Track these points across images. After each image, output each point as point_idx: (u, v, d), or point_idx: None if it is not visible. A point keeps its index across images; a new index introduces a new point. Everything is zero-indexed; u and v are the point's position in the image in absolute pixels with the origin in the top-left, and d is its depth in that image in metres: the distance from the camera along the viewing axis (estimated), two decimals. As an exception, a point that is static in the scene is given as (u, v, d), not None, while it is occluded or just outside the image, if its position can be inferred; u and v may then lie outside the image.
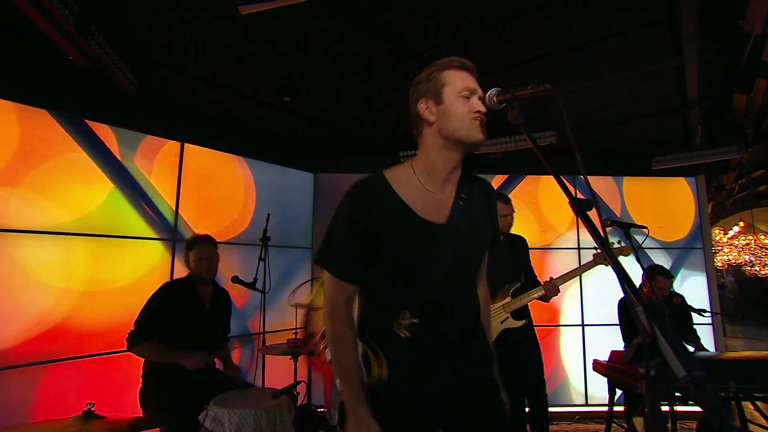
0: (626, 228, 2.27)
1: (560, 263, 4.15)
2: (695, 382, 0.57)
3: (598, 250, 2.66)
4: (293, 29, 2.14)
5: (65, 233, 2.61)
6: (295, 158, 4.18)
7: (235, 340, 3.31)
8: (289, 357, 2.65)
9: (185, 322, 2.29)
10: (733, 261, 4.67)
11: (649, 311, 0.65)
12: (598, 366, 2.97)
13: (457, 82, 1.17)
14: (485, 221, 1.26)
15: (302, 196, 4.26)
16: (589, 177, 4.19)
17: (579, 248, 4.27)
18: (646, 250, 4.30)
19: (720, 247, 4.40)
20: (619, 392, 2.89)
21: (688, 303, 3.14)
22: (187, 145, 3.31)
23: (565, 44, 2.37)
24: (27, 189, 2.47)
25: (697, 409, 3.14)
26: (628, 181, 4.40)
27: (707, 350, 3.28)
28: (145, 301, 2.27)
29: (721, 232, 4.35)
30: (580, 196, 4.27)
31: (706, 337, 4.16)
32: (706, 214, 4.40)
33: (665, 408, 2.56)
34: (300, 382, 2.26)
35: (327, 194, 4.33)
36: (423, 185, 1.18)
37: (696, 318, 3.07)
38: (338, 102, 3.12)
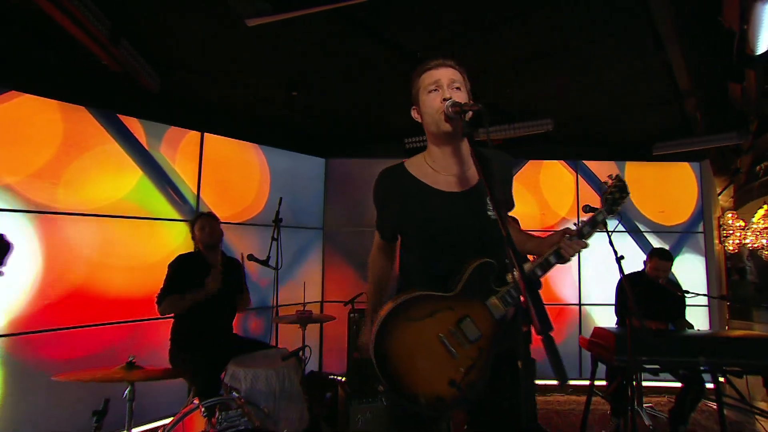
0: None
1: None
2: (544, 334, 0.79)
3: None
4: (298, 34, 2.36)
5: (102, 215, 2.98)
6: (307, 145, 4.43)
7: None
8: (298, 326, 2.98)
9: (201, 285, 2.59)
10: (750, 245, 4.72)
11: (525, 281, 0.87)
12: (583, 341, 3.19)
13: (426, 80, 1.35)
14: (498, 187, 1.36)
15: (314, 180, 4.53)
16: (591, 162, 4.30)
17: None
18: (645, 234, 4.42)
19: (731, 231, 4.44)
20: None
21: (681, 287, 3.31)
22: (206, 135, 3.61)
23: (557, 44, 2.51)
24: (71, 177, 2.83)
25: (669, 384, 3.32)
26: (630, 167, 4.48)
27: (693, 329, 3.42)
28: (166, 270, 2.64)
29: (734, 215, 4.37)
30: (581, 180, 4.43)
31: (701, 318, 4.31)
32: (709, 198, 4.45)
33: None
34: (306, 346, 2.58)
35: (337, 178, 4.58)
36: (432, 168, 1.40)
37: (698, 301, 3.20)
38: (343, 95, 3.34)
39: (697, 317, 4.32)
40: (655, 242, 4.40)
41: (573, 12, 2.24)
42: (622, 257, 2.35)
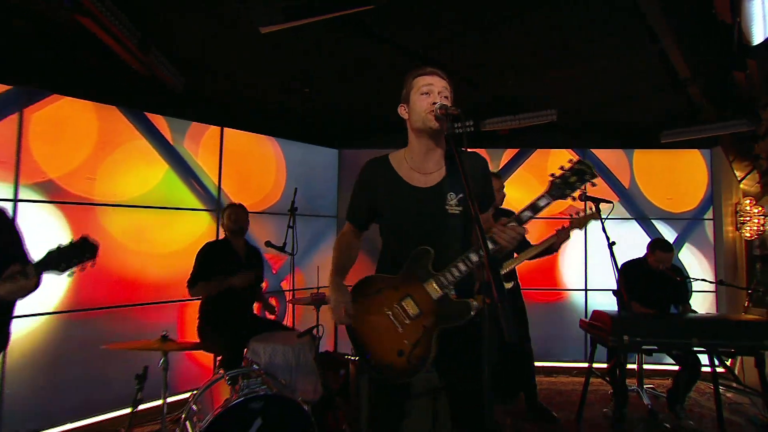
0: (596, 202, 2.58)
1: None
2: (502, 304, 0.96)
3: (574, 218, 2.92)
4: (309, 36, 2.53)
5: (133, 206, 3.26)
6: (321, 137, 4.63)
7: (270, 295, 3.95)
8: (313, 307, 3.21)
9: (227, 270, 2.87)
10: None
11: (489, 260, 1.05)
12: (583, 324, 3.33)
13: (419, 83, 1.52)
14: (472, 183, 1.47)
15: (328, 170, 4.74)
16: (599, 151, 4.36)
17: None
18: (652, 220, 4.47)
19: (749, 217, 4.45)
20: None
21: (682, 272, 3.41)
22: (226, 129, 3.84)
23: (556, 41, 2.61)
24: (106, 171, 3.11)
25: (672, 368, 3.44)
26: (638, 154, 4.52)
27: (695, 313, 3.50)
28: (195, 256, 2.92)
29: (752, 201, 4.37)
30: (588, 168, 4.49)
31: (708, 305, 4.37)
32: (719, 185, 4.45)
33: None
34: (320, 325, 2.81)
35: (350, 168, 4.77)
36: (409, 163, 1.58)
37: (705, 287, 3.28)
38: (354, 90, 3.51)
39: (704, 304, 4.39)
40: (663, 229, 4.45)
41: (571, 11, 2.33)
42: (613, 243, 2.47)
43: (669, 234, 4.45)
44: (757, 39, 2.35)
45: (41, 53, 2.76)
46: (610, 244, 2.48)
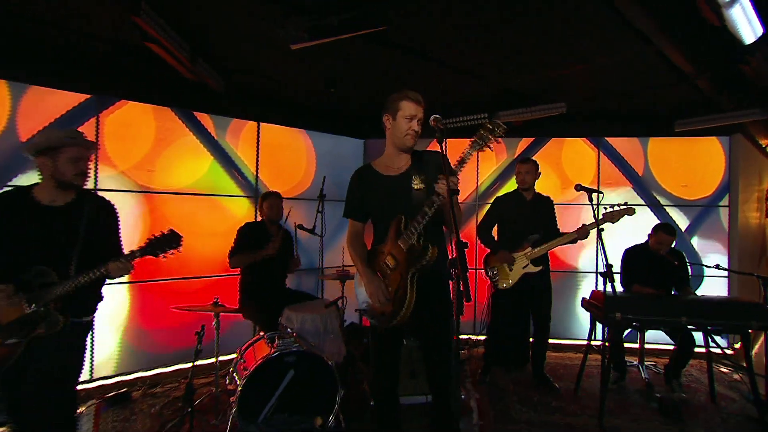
0: (589, 192, 2.84)
1: (583, 218, 4.62)
2: (463, 274, 1.31)
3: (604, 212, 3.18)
4: (333, 47, 2.89)
5: (185, 193, 3.78)
6: (347, 128, 5.00)
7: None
8: (339, 281, 3.65)
9: (259, 247, 3.30)
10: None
11: (458, 248, 1.40)
12: (584, 303, 3.60)
13: (407, 109, 1.96)
14: (432, 176, 1.87)
15: (354, 159, 5.13)
16: (614, 139, 4.52)
17: (598, 204, 4.65)
18: (665, 207, 4.59)
19: None
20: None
21: (682, 256, 3.59)
22: (262, 124, 4.29)
23: (553, 39, 2.83)
24: (163, 164, 3.64)
25: (671, 347, 3.66)
26: (654, 142, 4.61)
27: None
28: (236, 233, 3.41)
29: None
30: (603, 157, 4.64)
31: (719, 289, 4.49)
32: (737, 172, 4.49)
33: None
34: (343, 297, 3.25)
35: (375, 156, 5.00)
36: (385, 162, 2.10)
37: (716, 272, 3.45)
38: (374, 87, 3.84)
39: (715, 288, 4.50)
40: (677, 216, 4.57)
41: (565, 12, 2.54)
42: (602, 229, 2.73)
43: (682, 220, 4.57)
44: (748, 39, 2.49)
45: (113, 68, 3.28)
46: (599, 230, 2.73)
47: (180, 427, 2.71)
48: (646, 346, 3.97)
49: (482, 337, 4.20)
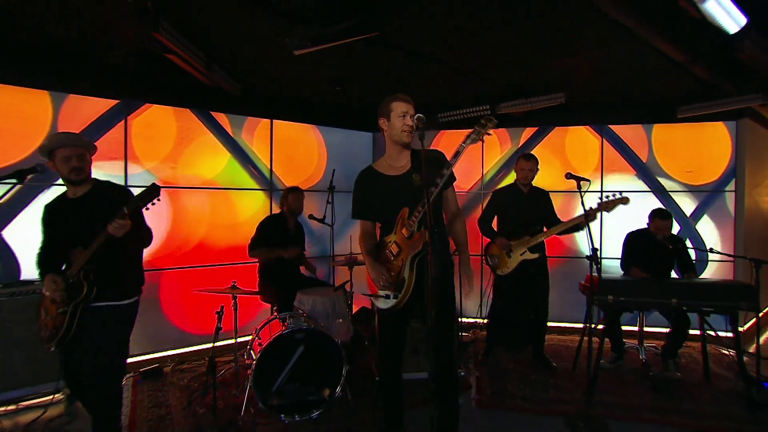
0: (578, 180, 2.98)
1: (586, 206, 4.72)
2: (432, 254, 1.53)
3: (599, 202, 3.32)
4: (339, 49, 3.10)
5: (206, 188, 4.10)
6: (357, 122, 5.22)
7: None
8: (347, 267, 3.91)
9: (278, 239, 3.63)
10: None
11: (432, 236, 1.62)
12: (581, 286, 3.74)
13: (399, 108, 2.15)
14: (433, 174, 2.07)
15: (363, 151, 5.36)
16: (617, 127, 4.59)
17: (602, 191, 4.76)
18: (670, 193, 4.64)
19: None
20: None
21: (680, 241, 3.68)
22: (275, 121, 4.56)
23: (550, 37, 2.96)
24: (184, 161, 3.96)
25: (663, 330, 3.77)
26: (658, 128, 4.65)
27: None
28: (257, 226, 3.69)
29: None
30: (606, 144, 4.72)
31: (725, 274, 4.53)
32: (743, 156, 4.49)
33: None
34: (351, 281, 3.51)
35: (383, 149, 5.33)
36: (387, 162, 2.28)
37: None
38: (380, 84, 4.03)
39: (722, 273, 4.54)
40: (682, 202, 4.61)
41: (554, 11, 2.67)
42: (588, 215, 2.87)
43: (687, 206, 4.61)
44: (732, 30, 2.56)
45: (138, 76, 3.61)
46: (586, 217, 2.88)
47: (204, 397, 3.05)
48: (649, 329, 4.10)
49: (486, 321, 4.40)
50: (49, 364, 2.48)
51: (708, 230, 4.59)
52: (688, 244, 4.53)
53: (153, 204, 2.09)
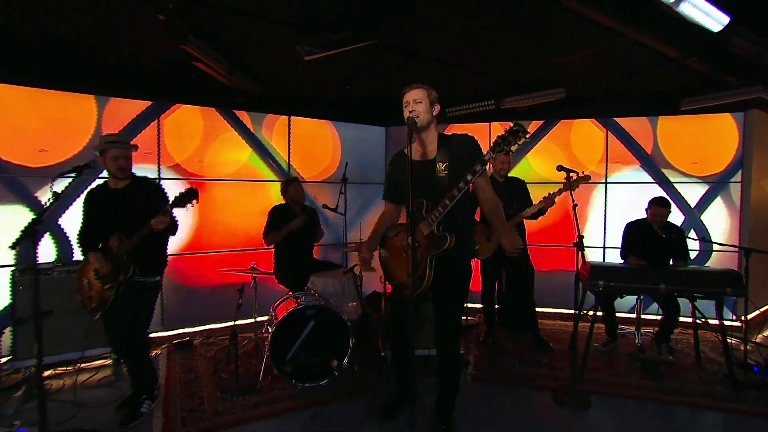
0: (567, 171, 3.17)
1: (587, 195, 4.88)
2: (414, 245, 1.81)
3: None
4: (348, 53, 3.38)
5: (229, 180, 4.49)
6: (370, 116, 5.50)
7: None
8: (357, 252, 4.23)
9: (287, 223, 3.94)
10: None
11: (413, 221, 1.89)
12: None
13: (403, 99, 2.31)
14: (461, 159, 2.18)
15: (377, 145, 5.63)
16: (622, 119, 4.72)
17: (606, 182, 4.88)
18: (675, 184, 4.72)
19: None
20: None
21: (676, 230, 3.80)
22: (292, 118, 4.89)
23: (544, 35, 3.14)
24: (210, 156, 4.36)
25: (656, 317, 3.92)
26: (663, 121, 4.72)
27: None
28: (267, 218, 4.03)
29: None
30: (611, 137, 4.84)
31: (729, 263, 4.59)
32: (751, 148, 4.52)
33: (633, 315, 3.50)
34: (358, 265, 3.81)
35: (396, 142, 5.60)
36: (416, 147, 2.34)
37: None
38: (390, 82, 4.29)
39: (726, 262, 4.60)
40: (687, 192, 4.69)
41: (545, 12, 2.84)
42: (576, 205, 3.06)
43: (693, 197, 4.68)
44: (714, 28, 2.67)
45: (169, 80, 4.01)
46: (574, 206, 3.07)
47: (228, 365, 3.45)
48: (648, 317, 4.25)
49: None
50: (99, 330, 2.91)
51: (713, 221, 4.65)
52: (692, 235, 4.62)
53: (192, 205, 2.44)
